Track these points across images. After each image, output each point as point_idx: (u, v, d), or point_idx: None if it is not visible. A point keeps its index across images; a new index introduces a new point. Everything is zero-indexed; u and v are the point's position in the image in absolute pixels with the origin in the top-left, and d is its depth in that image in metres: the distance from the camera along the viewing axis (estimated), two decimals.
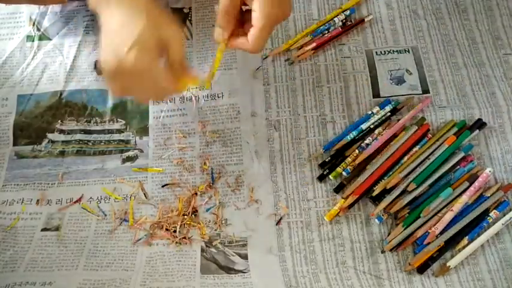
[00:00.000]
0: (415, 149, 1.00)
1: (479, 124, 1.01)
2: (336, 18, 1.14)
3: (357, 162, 0.98)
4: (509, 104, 1.04)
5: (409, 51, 1.11)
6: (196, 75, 0.86)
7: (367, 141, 1.01)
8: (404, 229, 0.92)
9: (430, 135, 1.01)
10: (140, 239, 0.93)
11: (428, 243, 0.90)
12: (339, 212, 0.95)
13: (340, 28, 1.14)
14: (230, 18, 0.83)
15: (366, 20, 1.14)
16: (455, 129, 1.00)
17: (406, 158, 0.99)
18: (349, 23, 1.15)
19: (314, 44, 1.12)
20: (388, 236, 0.93)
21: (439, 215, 0.93)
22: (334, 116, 1.05)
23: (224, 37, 0.84)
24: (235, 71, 1.10)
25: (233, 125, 1.05)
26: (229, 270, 0.91)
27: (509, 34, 1.12)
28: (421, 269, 0.90)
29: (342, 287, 0.89)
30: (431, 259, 0.90)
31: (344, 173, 0.98)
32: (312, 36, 1.13)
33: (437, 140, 1.00)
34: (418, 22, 1.14)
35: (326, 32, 1.13)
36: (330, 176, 0.98)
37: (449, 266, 0.89)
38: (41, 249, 0.93)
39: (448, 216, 0.92)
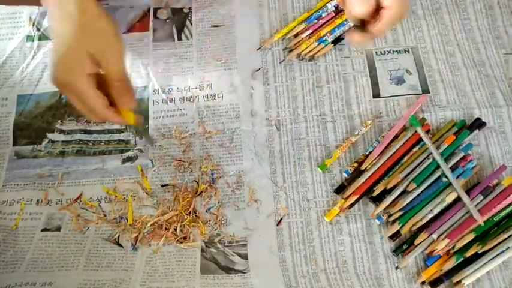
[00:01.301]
0: (415, 149, 1.00)
1: (479, 124, 1.01)
2: (328, 4, 1.15)
3: (362, 167, 0.99)
4: (509, 104, 1.04)
5: (409, 51, 1.11)
6: (133, 103, 0.81)
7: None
8: (401, 226, 0.93)
9: (430, 135, 1.01)
10: (140, 239, 0.93)
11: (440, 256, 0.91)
12: (339, 212, 0.95)
13: (333, 13, 1.15)
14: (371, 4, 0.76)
15: None
16: (455, 129, 1.00)
17: (406, 158, 0.99)
18: (341, 7, 1.16)
19: (310, 31, 1.13)
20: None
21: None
22: (335, 115, 1.05)
23: (368, 11, 0.76)
24: (235, 71, 1.10)
25: (233, 125, 1.05)
26: (229, 270, 0.91)
27: (510, 33, 1.12)
28: (434, 284, 0.89)
29: (341, 287, 0.89)
30: (445, 274, 0.90)
31: (345, 174, 0.99)
32: (306, 23, 1.14)
33: (437, 140, 1.00)
34: (418, 22, 1.14)
35: (320, 18, 1.15)
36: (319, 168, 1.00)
37: (464, 284, 0.88)
38: (41, 250, 0.93)
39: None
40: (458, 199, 0.93)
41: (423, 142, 0.99)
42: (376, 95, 1.06)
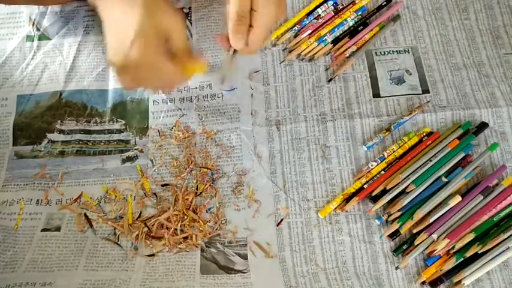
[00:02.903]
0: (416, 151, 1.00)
1: (483, 127, 1.02)
2: (324, 4, 1.17)
3: (372, 173, 1.00)
4: (509, 104, 1.04)
5: (408, 52, 1.11)
6: (202, 62, 0.87)
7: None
8: (400, 226, 0.93)
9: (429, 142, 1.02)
10: (140, 239, 0.93)
11: (440, 255, 0.91)
12: (335, 209, 0.95)
13: (332, 12, 1.16)
14: (246, 22, 0.81)
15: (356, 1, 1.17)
16: (460, 131, 1.00)
17: (408, 159, 0.99)
18: (340, 6, 1.17)
19: (309, 31, 1.13)
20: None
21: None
22: (335, 115, 1.05)
23: (244, 42, 0.83)
24: (236, 71, 1.10)
25: (233, 125, 1.05)
26: (229, 270, 0.91)
27: (510, 33, 1.12)
28: (434, 284, 0.89)
29: (341, 287, 0.89)
30: (445, 274, 0.90)
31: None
32: (301, 25, 1.15)
33: (440, 142, 1.00)
34: (417, 22, 1.14)
35: (318, 17, 1.16)
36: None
37: (464, 284, 0.88)
38: (41, 250, 0.93)
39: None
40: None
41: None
42: (376, 94, 1.06)
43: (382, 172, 0.99)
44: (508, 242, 0.89)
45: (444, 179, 0.96)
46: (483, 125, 1.02)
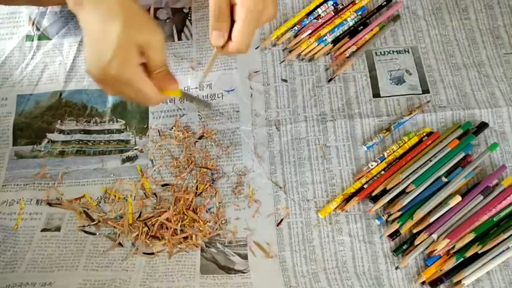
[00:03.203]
0: (416, 152, 1.00)
1: (483, 127, 1.02)
2: (324, 4, 1.17)
3: (372, 173, 1.00)
4: (509, 104, 1.04)
5: (408, 52, 1.11)
6: (177, 84, 0.84)
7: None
8: (400, 226, 0.93)
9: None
10: (140, 239, 0.93)
11: (440, 256, 0.91)
12: (335, 209, 0.95)
13: (332, 12, 1.16)
14: (225, 18, 0.78)
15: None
16: (459, 132, 1.00)
17: (408, 159, 1.00)
18: (340, 6, 1.17)
19: (309, 31, 1.13)
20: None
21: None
22: (335, 115, 1.05)
23: (224, 39, 0.79)
24: (235, 71, 1.10)
25: (233, 125, 1.05)
26: (229, 270, 0.91)
27: (510, 33, 1.12)
28: (434, 284, 0.89)
29: (341, 287, 0.89)
30: (446, 274, 0.90)
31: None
32: (301, 25, 1.15)
33: (440, 142, 1.00)
34: (417, 22, 1.15)
35: (318, 17, 1.16)
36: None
37: (464, 284, 0.88)
38: (41, 250, 0.93)
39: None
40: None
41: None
42: (376, 94, 1.06)
43: (382, 172, 0.99)
44: (508, 242, 0.89)
45: (444, 179, 0.96)
46: (483, 125, 1.02)
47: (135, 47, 0.75)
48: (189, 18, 1.17)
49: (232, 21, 0.78)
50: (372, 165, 0.99)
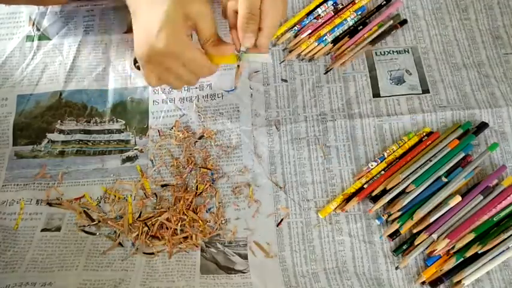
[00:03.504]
0: (416, 152, 1.00)
1: (483, 127, 1.02)
2: (324, 4, 1.17)
3: (372, 173, 1.00)
4: (509, 104, 1.04)
5: (408, 52, 1.11)
6: (232, 52, 0.86)
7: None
8: (400, 225, 0.93)
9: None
10: (140, 239, 0.93)
11: (440, 255, 0.91)
12: (335, 209, 0.95)
13: (332, 12, 1.16)
14: (257, 21, 0.82)
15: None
16: (459, 131, 1.00)
17: (408, 159, 1.00)
18: (340, 6, 1.17)
19: (309, 31, 1.13)
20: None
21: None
22: (335, 115, 1.05)
23: (254, 41, 0.83)
24: (235, 71, 1.09)
25: (233, 125, 1.05)
26: (228, 270, 0.91)
27: (510, 33, 1.12)
28: (434, 284, 0.89)
29: (341, 287, 0.89)
30: (446, 274, 0.90)
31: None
32: (301, 25, 1.15)
33: (440, 142, 1.00)
34: (417, 22, 1.15)
35: (318, 17, 1.16)
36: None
37: (464, 284, 0.88)
38: (41, 250, 0.93)
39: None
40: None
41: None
42: (376, 94, 1.07)
43: (382, 172, 0.99)
44: (508, 242, 0.89)
45: (444, 179, 0.96)
46: (483, 125, 1.02)
47: (182, 17, 0.78)
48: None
49: None
50: (372, 165, 0.99)
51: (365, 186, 0.98)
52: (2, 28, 1.17)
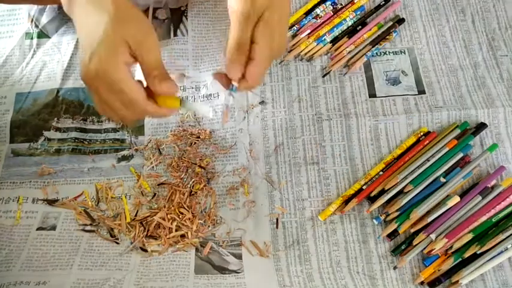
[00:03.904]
0: (414, 152, 1.01)
1: (482, 127, 1.02)
2: (322, 4, 1.17)
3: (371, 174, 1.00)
4: (505, 105, 1.04)
5: (404, 53, 1.11)
6: (177, 92, 0.77)
7: None
8: (399, 225, 0.93)
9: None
10: (135, 238, 0.94)
11: (438, 256, 0.91)
12: (335, 211, 0.96)
13: (331, 12, 1.16)
14: (245, 52, 0.76)
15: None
16: (457, 131, 1.01)
17: (406, 159, 1.00)
18: (339, 6, 1.17)
19: (308, 31, 1.13)
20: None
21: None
22: (331, 114, 1.05)
23: (240, 72, 0.76)
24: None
25: (229, 124, 1.05)
26: (223, 270, 0.91)
27: (506, 35, 1.13)
28: (432, 284, 0.89)
29: (335, 287, 0.89)
30: (444, 275, 0.90)
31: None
32: (299, 25, 1.15)
33: (438, 142, 1.00)
34: (414, 23, 1.15)
35: (317, 17, 1.16)
36: None
37: (461, 283, 0.88)
38: (36, 249, 0.93)
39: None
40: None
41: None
42: (372, 95, 1.07)
43: (381, 173, 0.99)
44: (506, 242, 0.89)
45: (442, 179, 0.96)
46: (482, 126, 1.02)
47: (122, 42, 0.70)
48: (185, 14, 1.17)
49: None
50: None
51: (364, 187, 0.97)
52: (1, 26, 1.18)
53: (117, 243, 0.94)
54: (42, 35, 1.16)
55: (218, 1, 1.18)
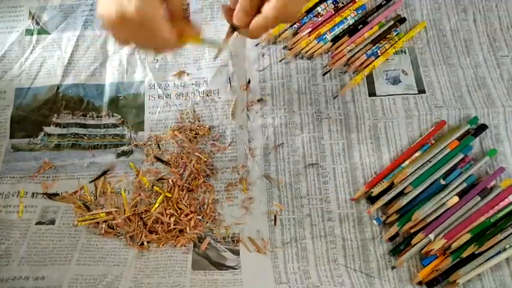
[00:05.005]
0: (416, 154, 1.00)
1: (482, 129, 1.02)
2: (324, 3, 1.17)
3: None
4: (505, 105, 1.04)
5: (405, 52, 1.11)
6: (198, 31, 0.83)
7: None
8: (400, 228, 0.93)
9: (433, 141, 1.02)
10: (133, 233, 0.94)
11: (436, 256, 0.91)
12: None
13: (332, 10, 1.16)
14: (255, 5, 0.78)
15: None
16: (467, 126, 1.01)
17: (407, 161, 1.00)
18: (340, 5, 1.17)
19: (309, 29, 1.13)
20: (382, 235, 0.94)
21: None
22: (330, 113, 1.05)
23: (246, 22, 0.79)
24: (231, 67, 1.10)
25: (228, 121, 1.05)
26: (220, 266, 0.91)
27: (507, 35, 1.13)
28: (430, 284, 0.89)
29: (332, 284, 0.88)
30: (442, 275, 0.89)
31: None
32: (301, 23, 1.15)
33: (444, 139, 1.00)
34: (415, 22, 1.15)
35: (318, 15, 1.16)
36: None
37: (458, 283, 0.88)
38: (35, 243, 0.93)
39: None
40: None
41: (425, 147, 1.01)
42: (372, 93, 1.07)
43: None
44: (504, 242, 0.89)
45: (442, 181, 0.96)
46: (482, 127, 1.02)
47: None
48: (187, 14, 1.17)
49: None
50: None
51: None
52: (2, 22, 1.18)
53: (116, 235, 0.94)
54: (43, 31, 1.17)
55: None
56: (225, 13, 0.83)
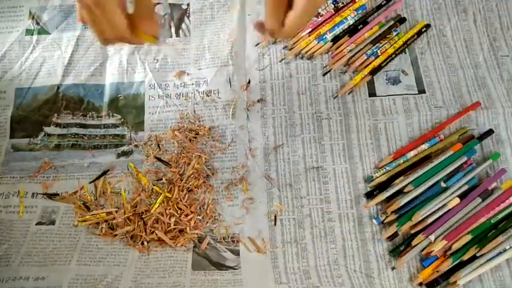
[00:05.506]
0: (423, 146, 1.01)
1: (488, 133, 1.02)
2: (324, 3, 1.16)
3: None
4: (505, 106, 1.04)
5: (405, 52, 1.11)
6: (155, 31, 0.82)
7: None
8: (399, 228, 0.92)
9: (442, 137, 1.02)
10: (133, 233, 0.94)
11: (437, 257, 0.91)
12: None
13: (332, 10, 1.16)
14: (283, 2, 0.77)
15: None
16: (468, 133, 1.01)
17: (412, 153, 1.00)
18: (340, 5, 1.17)
19: (309, 29, 1.13)
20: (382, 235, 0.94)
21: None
22: (330, 113, 1.05)
23: (278, 23, 0.78)
24: (232, 68, 1.10)
25: (228, 121, 1.05)
26: (220, 266, 0.90)
27: (507, 35, 1.12)
28: (431, 285, 0.89)
29: (332, 284, 0.89)
30: (442, 276, 0.89)
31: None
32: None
33: (444, 145, 1.00)
34: (416, 22, 1.15)
35: (318, 15, 1.16)
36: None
37: (459, 284, 0.88)
38: (35, 244, 0.93)
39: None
40: None
41: (433, 142, 1.01)
42: (372, 94, 1.07)
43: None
44: (505, 244, 0.89)
45: (443, 185, 0.96)
46: (489, 132, 1.02)
47: None
48: (187, 14, 1.17)
49: None
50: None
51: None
52: (2, 21, 1.18)
53: (116, 235, 0.94)
54: (43, 31, 1.16)
55: None
56: (258, 27, 0.82)
